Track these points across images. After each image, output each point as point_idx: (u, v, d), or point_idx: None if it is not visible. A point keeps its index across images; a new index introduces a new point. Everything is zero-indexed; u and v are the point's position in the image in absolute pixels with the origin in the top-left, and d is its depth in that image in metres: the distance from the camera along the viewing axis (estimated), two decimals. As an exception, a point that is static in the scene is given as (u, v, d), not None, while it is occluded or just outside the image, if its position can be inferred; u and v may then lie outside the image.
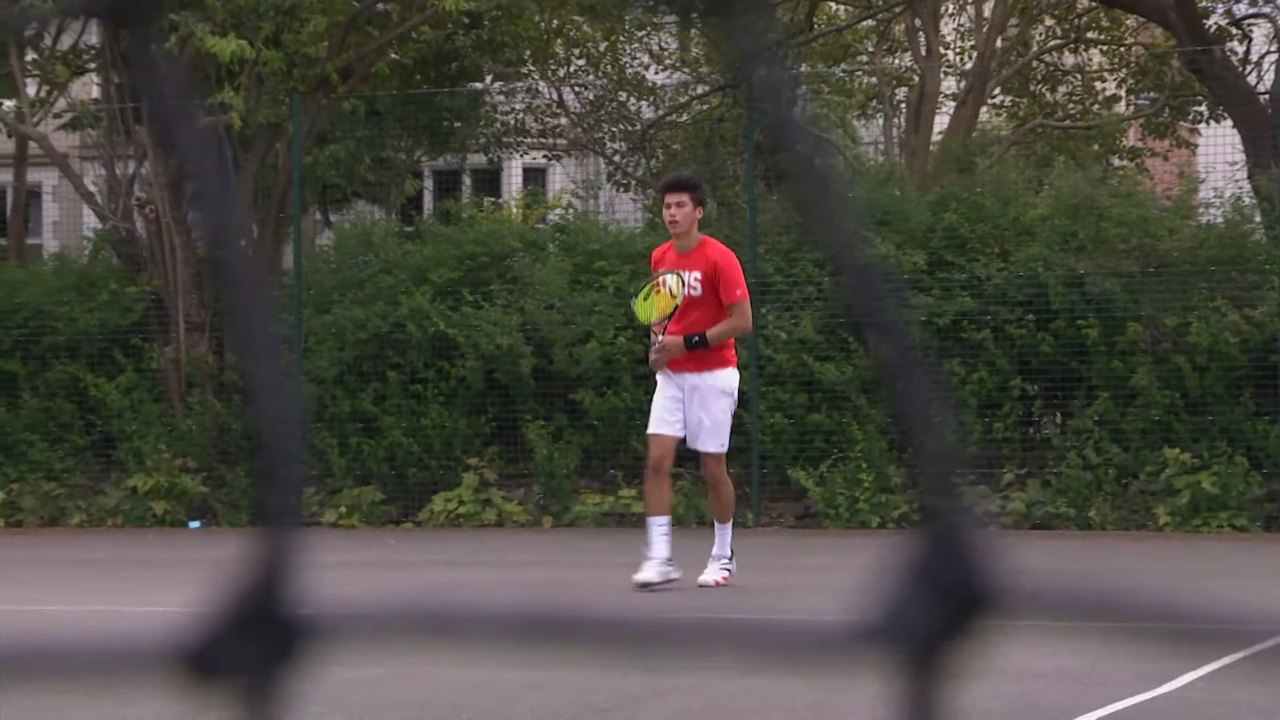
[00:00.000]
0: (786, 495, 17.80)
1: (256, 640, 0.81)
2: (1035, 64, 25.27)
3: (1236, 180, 18.55)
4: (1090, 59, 25.86)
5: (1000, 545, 0.87)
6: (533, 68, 24.11)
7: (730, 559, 12.24)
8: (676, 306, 11.66)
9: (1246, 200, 17.82)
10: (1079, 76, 25.64)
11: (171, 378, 19.19)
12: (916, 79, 23.48)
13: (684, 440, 12.06)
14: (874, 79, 25.06)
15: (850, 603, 0.82)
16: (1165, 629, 0.84)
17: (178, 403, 19.17)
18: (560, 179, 25.89)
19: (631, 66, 25.03)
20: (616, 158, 24.94)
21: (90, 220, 21.12)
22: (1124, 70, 25.03)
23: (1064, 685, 7.94)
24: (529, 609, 0.79)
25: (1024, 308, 17.27)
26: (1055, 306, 17.16)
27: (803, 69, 24.30)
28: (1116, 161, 25.03)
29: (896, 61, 25.33)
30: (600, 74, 24.99)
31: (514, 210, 21.98)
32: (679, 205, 11.77)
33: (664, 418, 11.90)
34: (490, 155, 24.76)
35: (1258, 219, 17.75)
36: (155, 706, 6.41)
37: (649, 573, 11.85)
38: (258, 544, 0.85)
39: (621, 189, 24.40)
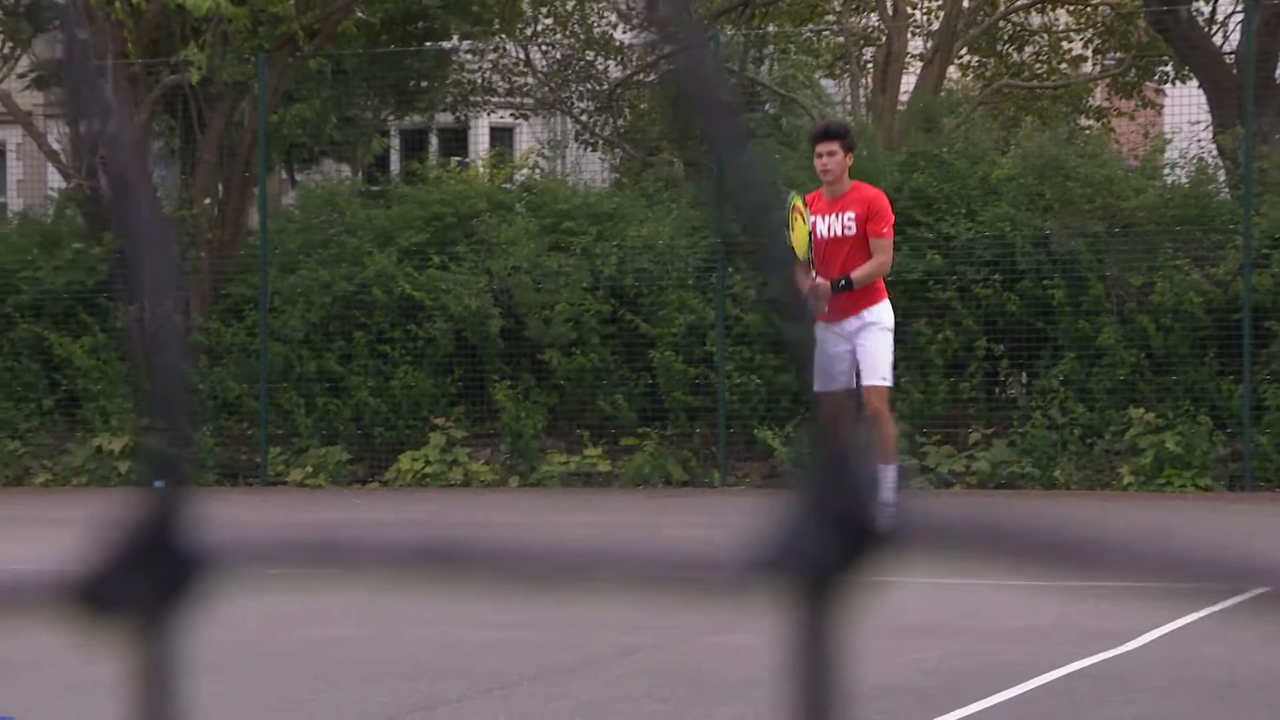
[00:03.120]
0: (753, 455, 17.84)
1: (148, 572, 0.82)
2: (1002, 24, 25.27)
3: (1200, 140, 18.60)
4: (1057, 19, 25.88)
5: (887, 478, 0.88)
6: (500, 26, 24.05)
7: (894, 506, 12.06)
8: (810, 237, 11.61)
9: (1210, 160, 17.87)
10: (1046, 36, 25.66)
11: (137, 337, 19.10)
12: (883, 39, 23.47)
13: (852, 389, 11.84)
14: (841, 39, 25.04)
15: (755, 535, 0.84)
16: (1118, 582, 0.84)
17: (143, 362, 19.09)
18: (527, 139, 25.84)
19: (599, 25, 24.98)
20: (584, 117, 24.90)
21: (55, 179, 21.03)
22: (1090, 30, 25.05)
23: (1029, 644, 7.99)
24: (417, 538, 0.80)
25: (990, 268, 17.30)
26: (1021, 266, 17.20)
27: (770, 29, 24.28)
28: (1083, 121, 25.07)
29: (863, 21, 25.32)
30: (568, 33, 24.94)
31: (481, 170, 21.95)
32: (830, 154, 11.84)
33: (829, 372, 11.71)
34: (457, 115, 24.70)
35: (1222, 179, 17.80)
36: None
37: None
38: (150, 482, 0.85)
39: (589, 148, 24.37)
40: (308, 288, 18.70)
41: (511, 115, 25.81)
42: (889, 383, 11.94)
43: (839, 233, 11.82)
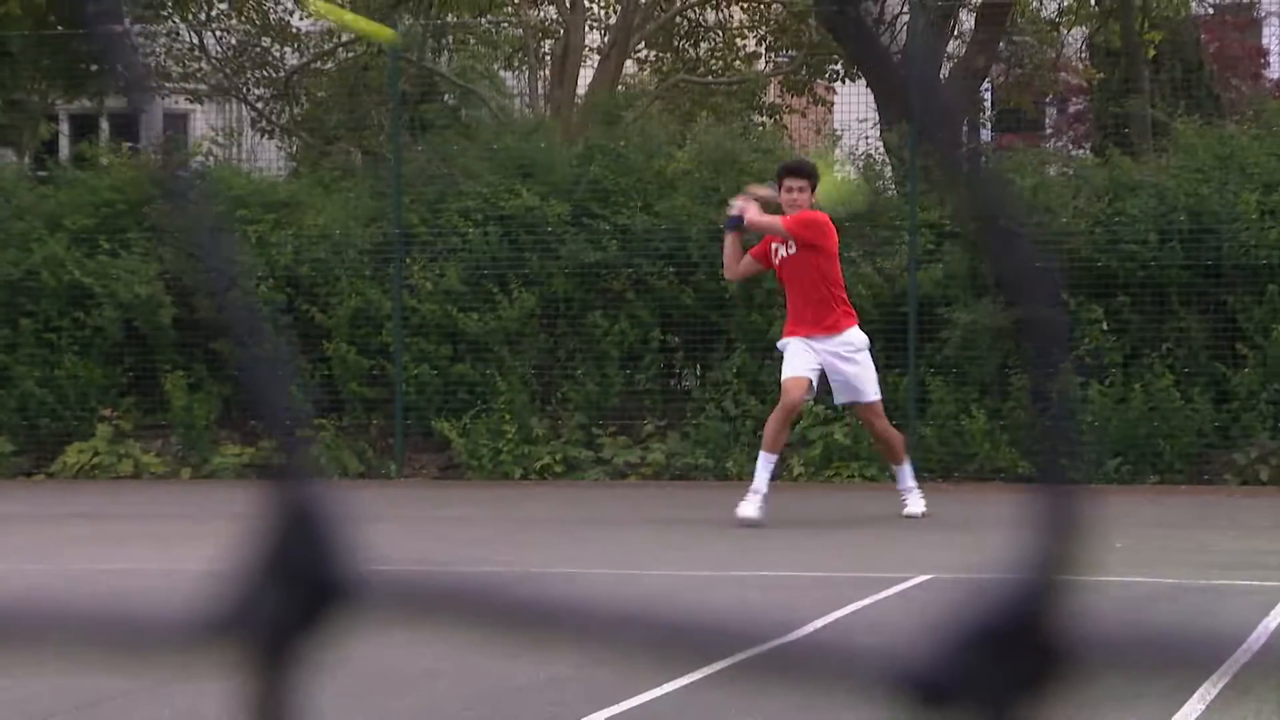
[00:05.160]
0: (430, 447, 17.80)
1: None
2: (678, 19, 25.55)
3: (868, 138, 19.03)
4: (731, 16, 26.25)
5: (355, 531, 0.84)
6: (173, 10, 23.60)
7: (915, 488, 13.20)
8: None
9: (877, 157, 18.30)
10: (721, 33, 26.01)
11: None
12: (561, 32, 23.57)
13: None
14: (519, 31, 25.09)
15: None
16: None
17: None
18: (202, 125, 25.42)
19: (275, 12, 24.66)
20: (260, 104, 24.57)
21: None
22: (764, 28, 25.46)
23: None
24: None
25: (666, 260, 17.50)
26: (696, 259, 17.42)
27: (449, 19, 24.23)
28: (757, 118, 25.47)
29: (542, 14, 25.39)
30: (243, 19, 24.58)
31: (153, 156, 21.50)
32: (800, 190, 12.83)
33: (797, 368, 12.88)
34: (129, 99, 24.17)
35: (889, 175, 18.25)
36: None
37: (750, 508, 12.69)
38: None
39: (265, 136, 24.05)
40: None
41: (186, 100, 25.35)
42: (879, 398, 13.19)
43: (786, 254, 12.85)
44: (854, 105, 20.56)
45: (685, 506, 14.66)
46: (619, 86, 22.85)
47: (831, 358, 12.91)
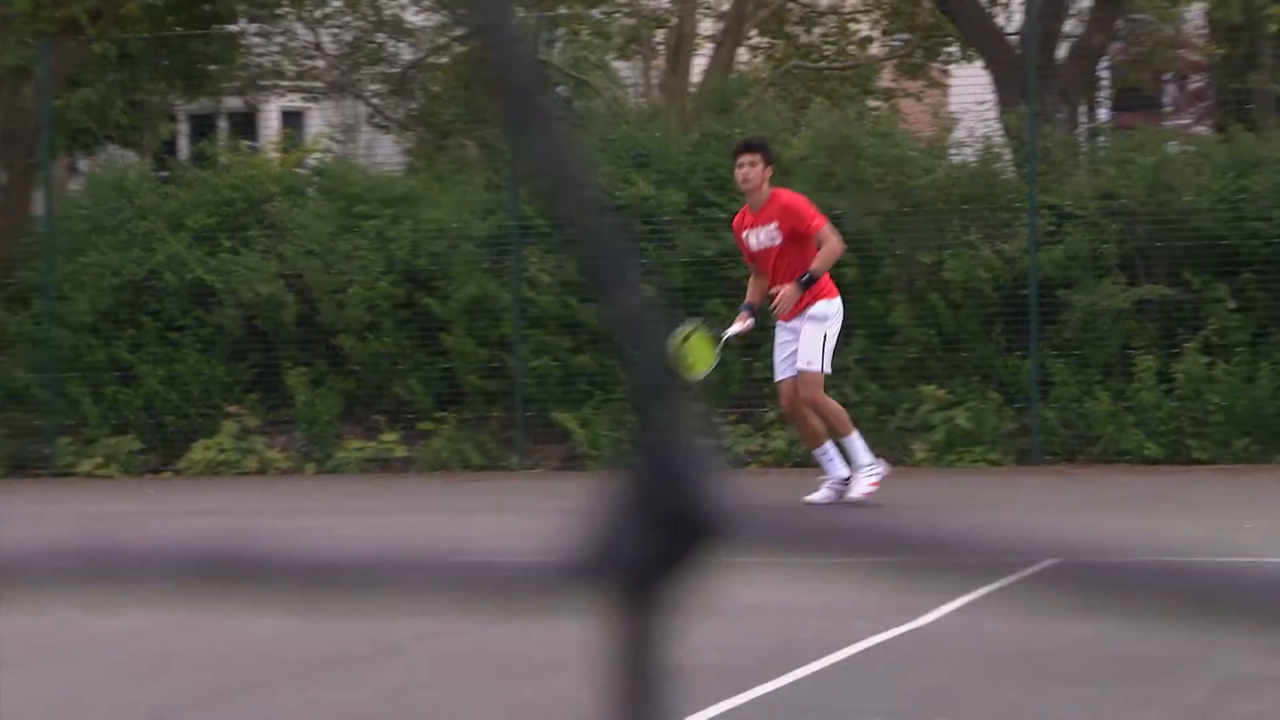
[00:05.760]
0: (551, 438, 17.83)
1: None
2: (791, 5, 25.47)
3: (986, 120, 18.88)
4: (844, 1, 26.13)
5: (726, 479, 0.86)
6: (289, 9, 23.78)
7: (872, 464, 12.77)
8: (718, 355, 12.65)
9: (997, 139, 18.15)
10: (834, 18, 25.90)
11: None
12: (674, 21, 23.55)
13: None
14: (632, 21, 25.09)
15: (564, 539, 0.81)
16: (912, 561, 0.84)
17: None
18: (319, 122, 25.59)
19: (389, 7, 24.79)
20: (375, 100, 24.71)
21: None
22: (878, 12, 25.32)
23: (825, 620, 8.07)
24: (208, 549, 0.77)
25: (783, 247, 17.41)
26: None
27: (560, 11, 24.26)
28: (872, 103, 25.34)
29: (654, 3, 25.38)
30: (358, 15, 24.72)
31: (272, 154, 21.68)
32: (750, 164, 12.65)
33: (784, 365, 12.68)
34: (246, 98, 24.39)
35: (1008, 157, 18.10)
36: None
37: (822, 493, 12.67)
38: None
39: (382, 131, 24.18)
40: (96, 274, 18.38)
41: (302, 99, 25.53)
42: (816, 368, 12.53)
43: (766, 243, 12.56)
44: (971, 88, 20.39)
45: (807, 492, 14.60)
46: (732, 74, 22.79)
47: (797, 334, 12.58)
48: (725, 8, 24.13)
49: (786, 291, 12.36)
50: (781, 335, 12.72)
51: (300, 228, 18.23)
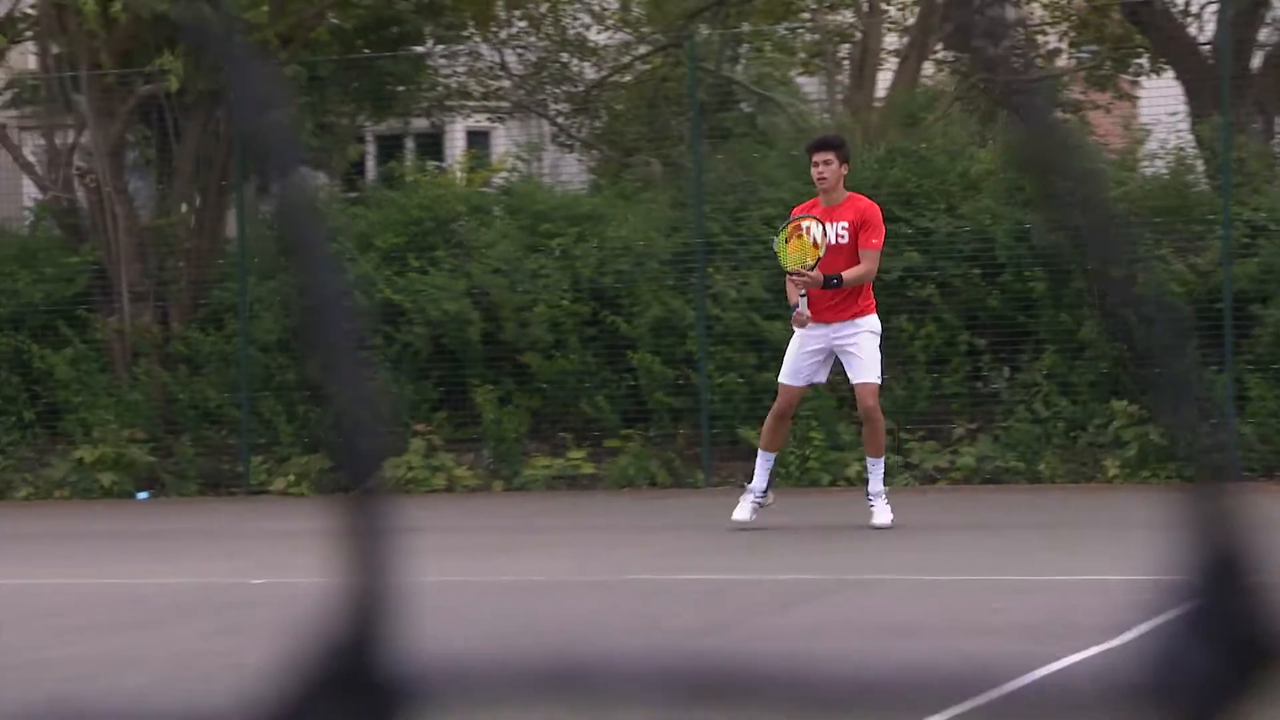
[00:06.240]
0: (737, 455, 17.77)
1: (348, 706, 0.72)
2: (976, 18, 25.23)
3: (1178, 131, 18.58)
4: (1032, 13, 25.86)
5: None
6: (474, 30, 23.97)
7: (881, 494, 12.73)
8: (819, 258, 12.35)
9: (1189, 151, 17.86)
10: (1021, 30, 25.64)
11: (116, 348, 19.05)
12: (859, 35, 23.44)
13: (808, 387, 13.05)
14: (816, 36, 25.01)
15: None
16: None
17: (123, 373, 19.03)
18: (504, 142, 25.77)
19: (573, 27, 24.91)
20: (560, 119, 24.83)
21: (30, 190, 20.92)
22: (1065, 24, 25.03)
23: (1019, 640, 7.95)
24: (668, 665, 0.71)
25: (971, 262, 17.27)
26: (1002, 260, 17.17)
27: (744, 27, 24.24)
28: (1060, 115, 25.07)
29: (839, 18, 25.28)
30: (542, 35, 24.86)
31: (457, 174, 21.86)
32: (826, 163, 12.60)
33: (798, 369, 12.67)
34: (433, 119, 24.62)
35: (1200, 169, 17.80)
36: None
37: (744, 511, 12.66)
38: (348, 589, 0.75)
39: (566, 150, 24.30)
40: (287, 294, 18.61)
41: (487, 119, 25.72)
42: (879, 381, 12.65)
43: (834, 240, 12.45)
44: (1161, 99, 20.09)
45: (998, 510, 14.45)
46: (918, 88, 22.63)
47: (842, 342, 12.52)
48: (910, 22, 23.98)
49: (810, 276, 12.26)
50: (810, 342, 12.56)
51: (486, 246, 18.35)
